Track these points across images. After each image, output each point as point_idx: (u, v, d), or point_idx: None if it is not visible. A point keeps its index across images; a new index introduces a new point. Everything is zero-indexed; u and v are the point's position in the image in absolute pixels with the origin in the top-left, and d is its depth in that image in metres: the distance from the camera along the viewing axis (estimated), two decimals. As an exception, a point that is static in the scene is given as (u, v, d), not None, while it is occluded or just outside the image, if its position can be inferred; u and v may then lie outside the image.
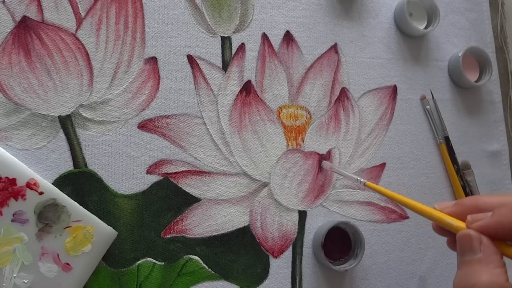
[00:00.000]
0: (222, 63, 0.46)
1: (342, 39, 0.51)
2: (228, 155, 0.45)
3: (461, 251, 0.27)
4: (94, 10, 0.43)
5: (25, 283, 0.38)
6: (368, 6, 0.53)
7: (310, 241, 0.46)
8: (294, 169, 0.46)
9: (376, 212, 0.49)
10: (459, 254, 0.27)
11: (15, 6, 0.41)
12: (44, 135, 0.41)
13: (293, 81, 0.48)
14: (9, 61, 0.40)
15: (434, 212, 0.31)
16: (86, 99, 0.42)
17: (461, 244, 0.27)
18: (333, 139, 0.48)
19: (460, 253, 0.27)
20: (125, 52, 0.44)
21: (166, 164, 0.44)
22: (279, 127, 0.47)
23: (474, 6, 0.58)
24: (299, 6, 0.50)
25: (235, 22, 0.47)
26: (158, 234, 0.43)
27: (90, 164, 0.42)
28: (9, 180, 0.38)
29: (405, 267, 0.49)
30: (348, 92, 0.50)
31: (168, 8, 0.46)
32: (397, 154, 0.51)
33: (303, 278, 0.46)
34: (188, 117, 0.45)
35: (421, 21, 0.54)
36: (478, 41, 0.57)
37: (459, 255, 0.27)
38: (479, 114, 0.56)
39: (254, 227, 0.45)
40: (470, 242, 0.26)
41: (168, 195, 0.43)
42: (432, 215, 0.31)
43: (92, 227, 0.40)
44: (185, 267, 0.43)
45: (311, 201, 0.47)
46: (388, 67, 0.52)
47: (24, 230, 0.38)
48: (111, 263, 0.41)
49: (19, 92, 0.40)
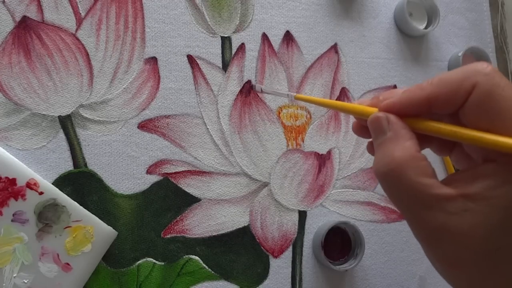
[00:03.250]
0: (222, 63, 0.46)
1: (342, 39, 0.51)
2: (228, 155, 0.45)
3: (374, 136, 0.27)
4: (94, 10, 0.43)
5: (25, 283, 0.38)
6: (368, 6, 0.53)
7: (310, 241, 0.46)
8: (294, 169, 0.46)
9: (376, 212, 0.49)
10: (374, 140, 0.27)
11: (15, 6, 0.41)
12: (44, 135, 0.41)
13: (293, 81, 0.48)
14: (9, 61, 0.40)
15: (348, 104, 0.30)
16: (86, 99, 0.42)
17: (372, 128, 0.27)
18: (333, 139, 0.48)
19: (374, 137, 0.27)
20: (125, 52, 0.44)
21: (166, 164, 0.44)
22: (279, 127, 0.47)
23: (474, 6, 0.58)
24: (299, 6, 0.50)
25: (235, 22, 0.47)
26: (158, 234, 0.43)
27: (90, 164, 0.42)
28: (9, 180, 0.38)
29: (405, 267, 0.49)
30: (348, 92, 0.50)
31: (168, 8, 0.46)
32: (397, 154, 0.51)
33: (303, 278, 0.46)
34: (188, 117, 0.45)
35: (421, 21, 0.54)
36: (478, 41, 0.57)
37: (374, 140, 0.27)
38: (479, 114, 0.55)
39: (254, 227, 0.45)
40: (379, 123, 0.26)
41: (168, 195, 0.43)
42: (346, 106, 0.30)
43: (92, 227, 0.40)
44: (185, 267, 0.43)
45: (311, 201, 0.47)
46: (388, 67, 0.52)
47: (24, 230, 0.38)
48: (111, 263, 0.41)
49: (19, 92, 0.40)
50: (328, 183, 0.48)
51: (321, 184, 0.47)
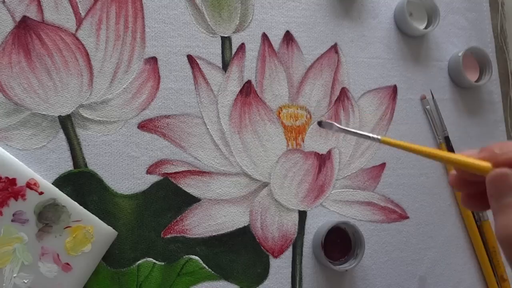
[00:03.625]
0: (222, 63, 0.46)
1: (342, 39, 0.51)
2: (228, 155, 0.45)
3: (497, 194, 0.24)
4: (94, 10, 0.43)
5: (25, 283, 0.38)
6: (368, 6, 0.53)
7: (310, 241, 0.46)
8: (294, 169, 0.46)
9: (376, 212, 0.49)
10: (495, 197, 0.24)
11: (15, 6, 0.41)
12: (44, 135, 0.41)
13: (293, 81, 0.48)
14: (9, 61, 0.40)
15: (457, 156, 0.27)
16: (86, 99, 0.42)
17: (496, 185, 0.24)
18: (333, 139, 0.48)
19: (496, 196, 0.24)
20: (125, 52, 0.44)
21: (166, 164, 0.44)
22: (279, 127, 0.47)
23: (474, 6, 0.58)
24: (299, 6, 0.50)
25: (235, 22, 0.47)
26: (158, 234, 0.43)
27: (90, 164, 0.42)
28: (9, 180, 0.38)
29: (405, 267, 0.49)
30: (348, 92, 0.50)
31: (168, 8, 0.46)
32: (397, 154, 0.51)
33: (303, 278, 0.46)
34: (188, 117, 0.45)
35: (421, 21, 0.54)
36: (478, 41, 0.57)
37: (495, 198, 0.24)
38: (479, 114, 0.56)
39: (254, 227, 0.45)
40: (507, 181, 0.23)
41: (168, 195, 0.43)
42: (455, 158, 0.27)
43: (92, 227, 0.40)
44: (185, 267, 0.43)
45: (311, 201, 0.47)
46: (388, 67, 0.52)
47: (24, 230, 0.38)
48: (111, 263, 0.41)
49: (19, 92, 0.40)
50: (328, 183, 0.48)
51: (321, 184, 0.47)
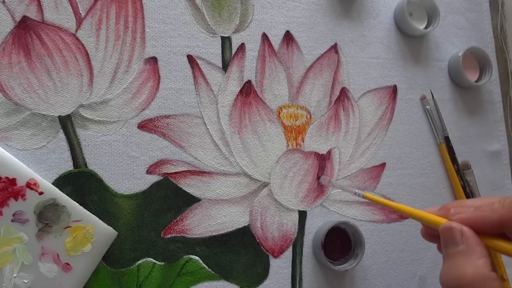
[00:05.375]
0: (222, 63, 0.46)
1: (342, 39, 0.51)
2: (228, 155, 0.45)
3: (444, 244, 0.27)
4: (94, 10, 0.43)
5: (25, 283, 0.38)
6: (368, 6, 0.53)
7: (310, 241, 0.46)
8: (294, 169, 0.46)
9: (376, 212, 0.49)
10: (443, 247, 0.27)
11: (15, 6, 0.41)
12: (44, 135, 0.41)
13: (293, 81, 0.48)
14: (9, 61, 0.40)
15: (419, 212, 0.32)
16: (86, 99, 0.42)
17: (444, 237, 0.27)
18: (333, 139, 0.48)
19: (444, 246, 0.27)
20: (125, 52, 0.44)
21: (166, 164, 0.44)
22: (279, 127, 0.47)
23: (474, 6, 0.58)
24: (299, 6, 0.50)
25: (235, 22, 0.47)
26: (158, 234, 0.43)
27: (90, 164, 0.42)
28: (9, 180, 0.38)
29: (405, 267, 0.49)
30: (348, 92, 0.50)
31: (168, 8, 0.46)
32: (397, 154, 0.51)
33: (303, 278, 0.46)
34: (188, 117, 0.45)
35: (421, 21, 0.54)
36: (478, 41, 0.57)
37: (443, 248, 0.27)
38: (479, 114, 0.56)
39: (254, 227, 0.45)
40: (452, 233, 0.26)
41: (168, 195, 0.43)
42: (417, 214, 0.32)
43: (92, 227, 0.40)
44: (185, 267, 0.43)
45: (311, 201, 0.47)
46: (388, 67, 0.52)
47: (24, 230, 0.38)
48: (111, 263, 0.41)
49: (19, 92, 0.40)
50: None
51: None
